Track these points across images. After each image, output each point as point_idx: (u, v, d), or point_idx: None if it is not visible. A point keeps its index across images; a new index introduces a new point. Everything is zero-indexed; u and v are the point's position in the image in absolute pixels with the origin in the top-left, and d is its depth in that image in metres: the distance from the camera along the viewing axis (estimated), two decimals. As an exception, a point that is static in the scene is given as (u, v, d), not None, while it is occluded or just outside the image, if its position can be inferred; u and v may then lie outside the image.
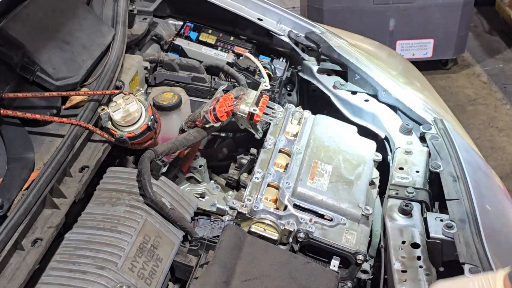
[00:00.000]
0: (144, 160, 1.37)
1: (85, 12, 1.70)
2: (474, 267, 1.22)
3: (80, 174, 1.38)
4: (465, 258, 1.24)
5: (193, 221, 1.49)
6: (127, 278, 1.19)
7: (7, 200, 1.22)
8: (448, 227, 1.33)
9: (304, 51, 2.03)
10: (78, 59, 1.58)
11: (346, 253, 1.41)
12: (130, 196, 1.35)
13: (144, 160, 1.37)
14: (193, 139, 1.54)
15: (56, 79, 1.51)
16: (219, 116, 1.53)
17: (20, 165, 1.31)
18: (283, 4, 4.06)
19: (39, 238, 1.21)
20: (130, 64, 1.75)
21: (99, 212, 1.31)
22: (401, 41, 3.74)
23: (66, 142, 1.38)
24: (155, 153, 1.40)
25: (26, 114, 1.39)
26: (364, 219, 1.49)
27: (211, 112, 1.53)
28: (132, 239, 1.26)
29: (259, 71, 1.94)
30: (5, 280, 1.12)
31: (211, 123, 1.54)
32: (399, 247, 1.35)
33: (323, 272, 1.30)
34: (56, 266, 1.20)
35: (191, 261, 1.34)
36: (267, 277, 1.24)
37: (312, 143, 1.63)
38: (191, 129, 1.59)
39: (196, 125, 1.58)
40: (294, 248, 1.43)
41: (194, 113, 1.63)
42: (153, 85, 1.92)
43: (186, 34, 2.09)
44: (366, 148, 1.65)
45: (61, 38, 1.58)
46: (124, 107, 1.38)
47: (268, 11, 2.10)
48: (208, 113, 1.53)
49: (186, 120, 1.62)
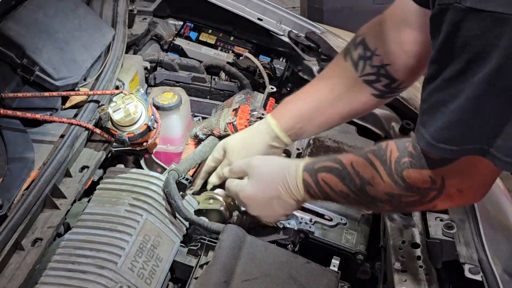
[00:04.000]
0: (169, 182, 1.36)
1: (85, 12, 1.70)
2: (474, 267, 1.22)
3: (80, 174, 1.38)
4: (465, 258, 1.24)
5: None
6: (127, 278, 1.19)
7: (7, 200, 1.21)
8: (448, 227, 1.33)
9: (304, 51, 2.03)
10: (78, 59, 1.58)
11: (346, 253, 1.41)
12: (130, 196, 1.35)
13: (170, 182, 1.35)
14: (209, 150, 1.54)
15: (56, 79, 1.50)
16: (238, 128, 1.55)
17: (20, 165, 1.31)
18: (283, 4, 4.06)
19: (39, 238, 1.21)
20: (130, 64, 1.75)
21: (99, 212, 1.31)
22: (401, 41, 3.73)
23: (66, 142, 1.38)
24: (178, 172, 1.39)
25: (26, 114, 1.39)
26: (364, 219, 1.49)
27: (232, 124, 1.56)
28: (132, 239, 1.26)
29: (259, 71, 1.95)
30: (5, 280, 1.12)
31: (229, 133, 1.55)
32: (399, 247, 1.36)
33: (323, 272, 1.30)
34: (55, 266, 1.19)
35: (191, 261, 1.34)
36: (267, 277, 1.24)
37: (312, 143, 1.64)
38: (206, 140, 1.59)
39: (213, 133, 1.58)
40: (294, 248, 1.43)
41: (211, 120, 1.63)
42: (153, 85, 1.92)
43: (186, 34, 2.09)
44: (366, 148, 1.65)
45: (61, 38, 1.58)
46: (124, 107, 1.38)
47: (268, 11, 2.10)
48: (228, 125, 1.56)
49: (201, 126, 1.63)
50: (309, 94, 1.41)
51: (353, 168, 1.15)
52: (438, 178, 1.02)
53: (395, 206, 1.14)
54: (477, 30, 0.84)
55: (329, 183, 1.19)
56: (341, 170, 1.17)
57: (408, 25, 1.24)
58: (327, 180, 1.19)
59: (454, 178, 1.01)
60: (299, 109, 1.40)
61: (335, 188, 1.18)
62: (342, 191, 1.17)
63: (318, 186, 1.21)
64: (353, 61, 1.33)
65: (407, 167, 1.04)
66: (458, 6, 0.85)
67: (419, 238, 1.37)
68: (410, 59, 1.27)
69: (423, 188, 1.05)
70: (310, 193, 1.24)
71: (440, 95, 0.93)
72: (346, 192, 1.16)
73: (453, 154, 0.95)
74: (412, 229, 1.40)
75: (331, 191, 1.20)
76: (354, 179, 1.14)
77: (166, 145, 1.71)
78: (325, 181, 1.20)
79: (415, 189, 1.06)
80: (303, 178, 1.24)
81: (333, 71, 1.40)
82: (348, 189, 1.16)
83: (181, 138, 1.72)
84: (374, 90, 1.33)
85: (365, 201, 1.16)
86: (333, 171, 1.19)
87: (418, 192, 1.06)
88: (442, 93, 0.92)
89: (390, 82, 1.31)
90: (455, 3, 0.85)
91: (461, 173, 1.00)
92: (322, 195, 1.23)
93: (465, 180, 1.02)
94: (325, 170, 1.20)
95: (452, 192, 1.04)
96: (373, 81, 1.32)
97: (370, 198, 1.13)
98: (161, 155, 1.69)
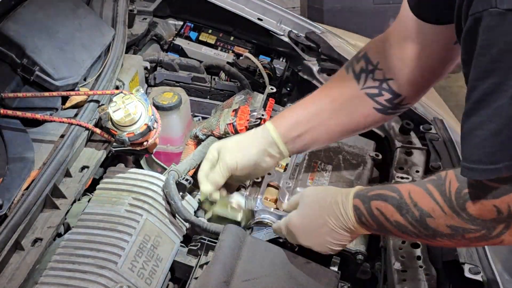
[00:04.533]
0: (169, 182, 1.35)
1: (85, 12, 1.70)
2: (474, 267, 1.22)
3: (80, 174, 1.38)
4: (465, 258, 1.24)
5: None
6: (127, 278, 1.19)
7: (7, 200, 1.21)
8: (448, 227, 1.33)
9: (304, 51, 2.03)
10: (78, 59, 1.58)
11: (346, 253, 1.41)
12: (130, 196, 1.35)
13: (170, 183, 1.34)
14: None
15: (56, 79, 1.50)
16: (238, 129, 1.55)
17: (20, 165, 1.31)
18: (283, 4, 4.06)
19: (39, 238, 1.21)
20: (130, 64, 1.75)
21: (99, 212, 1.31)
22: (401, 41, 3.73)
23: (66, 142, 1.38)
24: (178, 173, 1.38)
25: (26, 114, 1.39)
26: (364, 219, 1.49)
27: (232, 125, 1.56)
28: (132, 239, 1.26)
29: (259, 71, 1.95)
30: (5, 280, 1.12)
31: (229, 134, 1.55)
32: (399, 247, 1.36)
33: (323, 272, 1.30)
34: (55, 266, 1.19)
35: (191, 261, 1.34)
36: (267, 277, 1.24)
37: (312, 143, 1.63)
38: (206, 140, 1.59)
39: (213, 134, 1.58)
40: (294, 248, 1.43)
41: (210, 121, 1.63)
42: (153, 85, 1.92)
43: (186, 34, 2.09)
44: (366, 148, 1.65)
45: (61, 38, 1.58)
46: (124, 107, 1.38)
47: (268, 11, 2.10)
48: (228, 125, 1.56)
49: (201, 127, 1.63)
50: (309, 103, 1.38)
51: (410, 198, 1.06)
52: (504, 207, 0.94)
53: (457, 241, 1.04)
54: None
55: (384, 212, 1.10)
56: (398, 199, 1.08)
57: (411, 40, 1.22)
58: (381, 209, 1.10)
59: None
60: (298, 116, 1.37)
61: (391, 219, 1.09)
62: (399, 223, 1.08)
63: (371, 215, 1.13)
64: (355, 74, 1.32)
65: (470, 198, 0.97)
66: (493, 10, 0.80)
67: (419, 238, 1.37)
68: (413, 74, 1.25)
69: (488, 221, 0.97)
70: (362, 221, 1.15)
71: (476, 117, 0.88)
72: (403, 224, 1.08)
73: (497, 173, 0.89)
74: (412, 229, 1.39)
75: (386, 222, 1.10)
76: (413, 210, 1.06)
77: (166, 145, 1.71)
78: (380, 210, 1.11)
79: (480, 222, 0.98)
80: (354, 205, 1.15)
81: (334, 83, 1.38)
82: (405, 220, 1.07)
83: (181, 138, 1.72)
84: (377, 104, 1.31)
85: (425, 235, 1.07)
86: (388, 200, 1.10)
87: (484, 226, 0.98)
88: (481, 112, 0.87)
89: (393, 97, 1.30)
90: (490, 8, 0.80)
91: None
92: (376, 225, 1.13)
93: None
94: (380, 198, 1.12)
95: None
96: (376, 94, 1.30)
97: (431, 231, 1.05)
98: (161, 155, 1.69)
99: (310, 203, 1.24)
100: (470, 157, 0.91)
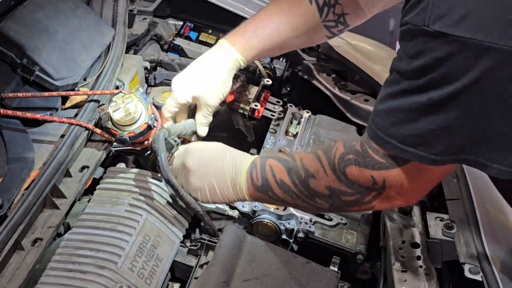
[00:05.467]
0: (159, 138, 1.34)
1: (85, 12, 1.70)
2: (474, 267, 1.22)
3: (80, 174, 1.38)
4: (465, 258, 1.24)
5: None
6: (127, 278, 1.19)
7: (7, 200, 1.21)
8: (448, 227, 1.33)
9: (304, 51, 2.03)
10: (78, 59, 1.58)
11: (346, 253, 1.41)
12: (130, 196, 1.35)
13: (160, 138, 1.34)
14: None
15: (56, 79, 1.50)
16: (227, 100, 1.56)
17: (20, 165, 1.31)
18: (283, 4, 4.05)
19: (39, 238, 1.21)
20: (130, 64, 1.75)
21: (99, 212, 1.31)
22: (401, 41, 3.73)
23: (66, 142, 1.38)
24: (169, 132, 1.39)
25: (26, 114, 1.39)
26: (364, 219, 1.49)
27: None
28: (132, 239, 1.26)
29: (259, 71, 1.95)
30: (5, 280, 1.12)
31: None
32: (399, 247, 1.36)
33: (323, 272, 1.30)
34: (55, 266, 1.20)
35: (191, 261, 1.34)
36: (267, 277, 1.24)
37: (312, 143, 1.64)
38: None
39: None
40: (294, 248, 1.43)
41: None
42: (153, 85, 1.92)
43: (186, 34, 2.09)
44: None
45: (61, 38, 1.58)
46: (124, 107, 1.38)
47: (268, 11, 2.09)
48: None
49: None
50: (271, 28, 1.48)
51: (301, 161, 1.19)
52: (380, 179, 1.06)
53: (332, 203, 1.16)
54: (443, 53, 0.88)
55: (274, 169, 1.23)
56: (289, 162, 1.22)
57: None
58: (273, 166, 1.24)
59: (397, 181, 1.05)
60: (261, 43, 1.48)
61: (277, 176, 1.22)
62: (283, 181, 1.21)
63: (262, 170, 1.25)
64: (319, 6, 1.45)
65: (351, 164, 1.08)
66: (426, 29, 0.89)
67: (419, 238, 1.37)
68: (364, 10, 1.43)
69: (363, 187, 1.09)
70: (252, 177, 1.26)
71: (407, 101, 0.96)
72: (287, 183, 1.20)
73: (431, 162, 0.98)
74: (412, 229, 1.40)
75: (272, 178, 1.23)
76: (300, 171, 1.18)
77: (166, 145, 1.71)
78: (271, 167, 1.24)
79: (356, 186, 1.10)
80: (253, 161, 1.28)
81: (296, 9, 1.47)
82: (290, 180, 1.19)
83: (181, 138, 1.72)
84: (330, 33, 1.51)
85: (304, 195, 1.18)
86: (282, 161, 1.24)
87: (358, 191, 1.10)
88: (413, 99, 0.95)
89: (344, 28, 1.49)
90: (423, 26, 0.89)
91: (405, 178, 1.04)
92: (261, 181, 1.24)
93: (407, 184, 1.05)
94: (276, 158, 1.25)
95: (391, 194, 1.08)
96: (332, 26, 1.48)
97: (311, 191, 1.17)
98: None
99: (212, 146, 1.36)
100: (386, 130, 1.01)
